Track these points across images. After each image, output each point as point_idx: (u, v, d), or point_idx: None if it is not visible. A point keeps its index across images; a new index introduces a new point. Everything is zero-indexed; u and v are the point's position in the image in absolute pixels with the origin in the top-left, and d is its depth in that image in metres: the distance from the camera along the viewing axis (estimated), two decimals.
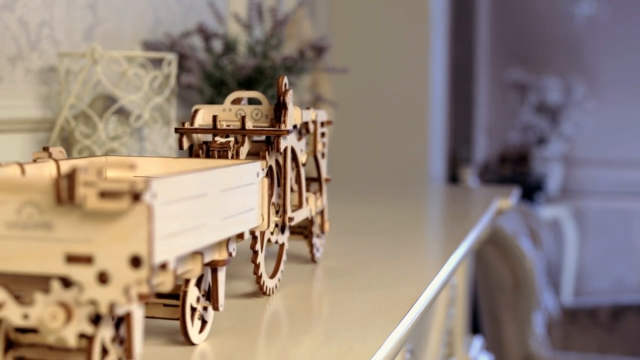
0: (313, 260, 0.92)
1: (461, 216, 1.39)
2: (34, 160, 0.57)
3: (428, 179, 2.77)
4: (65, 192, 0.44)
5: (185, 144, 0.75)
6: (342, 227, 1.14)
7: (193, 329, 0.60)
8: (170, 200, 0.48)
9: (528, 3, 4.68)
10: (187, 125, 0.75)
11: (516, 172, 4.39)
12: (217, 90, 1.38)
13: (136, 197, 0.44)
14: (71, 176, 0.44)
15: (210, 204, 0.54)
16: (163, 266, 0.48)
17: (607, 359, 2.60)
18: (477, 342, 1.78)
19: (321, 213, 0.92)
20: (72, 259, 0.45)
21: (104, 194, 0.44)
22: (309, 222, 0.90)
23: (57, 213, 0.45)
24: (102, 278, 0.45)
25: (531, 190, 3.93)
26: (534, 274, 2.34)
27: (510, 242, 2.33)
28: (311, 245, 0.91)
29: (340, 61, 2.51)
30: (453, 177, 3.70)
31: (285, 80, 0.77)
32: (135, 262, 0.44)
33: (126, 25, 1.39)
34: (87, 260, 0.45)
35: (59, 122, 1.14)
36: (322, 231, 0.93)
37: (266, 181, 0.66)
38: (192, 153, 0.75)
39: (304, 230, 0.92)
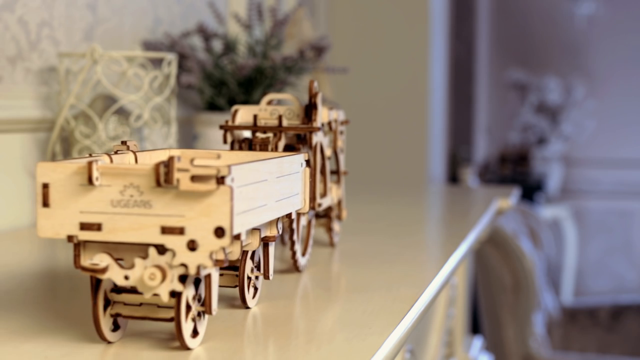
0: (332, 244, 1.00)
1: (461, 216, 1.39)
2: (115, 152, 0.65)
3: (428, 179, 2.77)
4: (163, 176, 0.53)
5: (229, 139, 0.86)
6: (342, 227, 1.14)
7: (248, 295, 0.70)
8: (243, 184, 0.57)
9: (528, 3, 4.68)
10: (229, 123, 0.86)
11: (516, 172, 4.39)
12: (217, 90, 1.38)
13: (220, 180, 0.53)
14: (168, 164, 0.53)
15: (268, 188, 0.64)
16: (236, 237, 0.58)
17: (607, 359, 2.60)
18: (477, 342, 1.78)
19: (339, 202, 1.01)
20: (166, 230, 0.54)
21: (195, 178, 0.53)
22: (329, 209, 0.99)
23: (155, 193, 0.54)
24: (192, 246, 0.54)
25: (531, 190, 3.92)
26: (534, 274, 2.34)
27: (510, 242, 2.33)
28: (330, 231, 1.00)
29: (340, 61, 2.51)
30: (453, 177, 3.70)
31: (316, 83, 0.86)
32: (219, 232, 0.54)
33: (126, 25, 1.39)
34: (179, 231, 0.54)
35: (59, 122, 1.14)
36: (340, 218, 1.01)
37: (308, 170, 0.74)
38: (233, 147, 0.86)
39: (323, 222, 1.01)
